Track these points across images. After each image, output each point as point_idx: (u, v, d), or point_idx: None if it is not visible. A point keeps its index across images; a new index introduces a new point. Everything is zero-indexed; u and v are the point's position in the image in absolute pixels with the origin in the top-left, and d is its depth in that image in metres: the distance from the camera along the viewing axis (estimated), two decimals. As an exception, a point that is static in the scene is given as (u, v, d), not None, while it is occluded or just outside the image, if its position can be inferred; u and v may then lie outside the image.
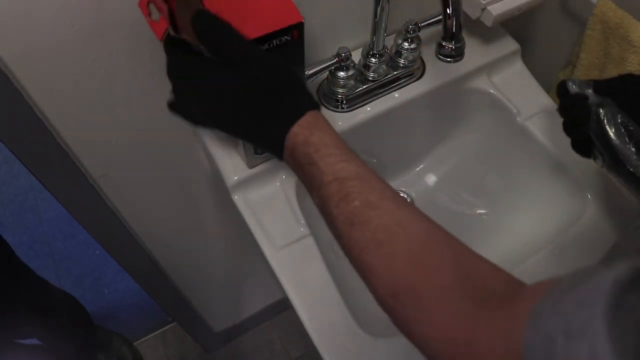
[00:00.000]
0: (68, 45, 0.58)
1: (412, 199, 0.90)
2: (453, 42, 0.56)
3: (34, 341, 1.28)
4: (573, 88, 0.58)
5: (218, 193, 0.91)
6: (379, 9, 0.68)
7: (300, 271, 0.68)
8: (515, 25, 0.86)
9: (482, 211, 0.87)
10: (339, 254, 0.49)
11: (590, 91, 0.57)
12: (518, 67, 0.86)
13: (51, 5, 0.54)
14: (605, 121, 0.54)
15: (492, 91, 0.83)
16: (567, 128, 0.63)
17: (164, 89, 0.68)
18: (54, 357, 1.35)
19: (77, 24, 0.57)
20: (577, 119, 0.59)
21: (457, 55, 0.57)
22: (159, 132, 0.74)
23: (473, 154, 0.89)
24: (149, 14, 0.51)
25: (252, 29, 0.53)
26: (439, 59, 0.58)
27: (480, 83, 0.83)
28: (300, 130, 0.50)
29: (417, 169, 0.93)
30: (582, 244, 0.73)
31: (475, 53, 0.82)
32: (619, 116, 0.54)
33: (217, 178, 0.76)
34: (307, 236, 0.70)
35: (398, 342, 0.66)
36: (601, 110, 0.55)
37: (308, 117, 0.50)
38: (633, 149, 0.53)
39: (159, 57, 0.64)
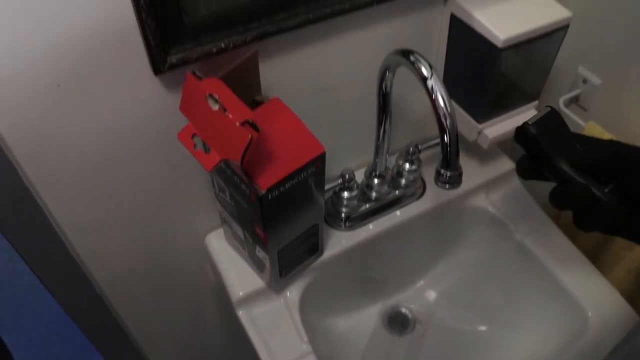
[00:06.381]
0: (86, 166, 0.61)
1: (413, 315, 0.91)
2: (450, 170, 0.60)
3: None
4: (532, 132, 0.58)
5: (222, 306, 0.92)
6: (381, 131, 0.72)
7: (302, 389, 0.68)
8: (510, 145, 0.90)
9: (483, 328, 0.87)
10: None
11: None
12: (515, 185, 0.90)
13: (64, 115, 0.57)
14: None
15: (490, 209, 0.86)
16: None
17: (173, 204, 0.71)
18: None
19: (95, 135, 0.60)
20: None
21: (455, 182, 0.60)
22: (168, 245, 0.77)
23: (473, 270, 0.90)
24: (194, 146, 0.55)
25: (282, 166, 0.57)
26: (438, 185, 0.61)
27: (479, 201, 0.86)
28: None
29: (418, 285, 0.93)
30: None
31: (473, 172, 0.86)
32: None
33: (221, 292, 0.77)
34: (309, 354, 0.70)
35: None
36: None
37: None
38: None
39: (169, 175, 0.68)
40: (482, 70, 0.72)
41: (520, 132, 0.58)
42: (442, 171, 0.60)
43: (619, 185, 0.54)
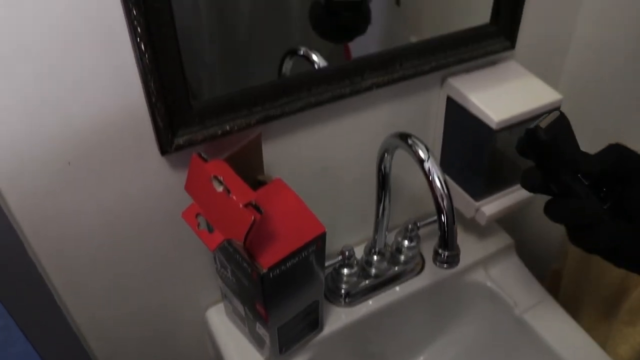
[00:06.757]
0: (92, 242, 0.63)
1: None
2: (448, 251, 0.61)
3: None
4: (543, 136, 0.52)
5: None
6: (380, 208, 0.74)
7: None
8: (508, 221, 0.92)
9: (484, 406, 0.87)
10: None
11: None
12: (513, 260, 0.91)
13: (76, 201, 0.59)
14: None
15: (489, 284, 0.86)
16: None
17: (175, 278, 0.72)
18: None
19: (103, 213, 0.62)
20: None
21: (453, 262, 0.61)
22: (168, 319, 0.77)
23: (472, 346, 0.90)
24: (198, 225, 0.56)
25: (283, 246, 0.59)
26: (436, 265, 0.62)
27: (478, 276, 0.87)
28: None
29: (418, 362, 0.93)
30: None
31: (472, 248, 0.87)
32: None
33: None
34: None
35: None
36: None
37: None
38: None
39: (172, 251, 0.69)
40: (478, 150, 0.74)
41: (531, 135, 0.52)
42: (440, 251, 0.61)
43: (619, 202, 0.53)
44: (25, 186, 0.55)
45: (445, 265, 0.62)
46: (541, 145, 0.52)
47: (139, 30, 0.50)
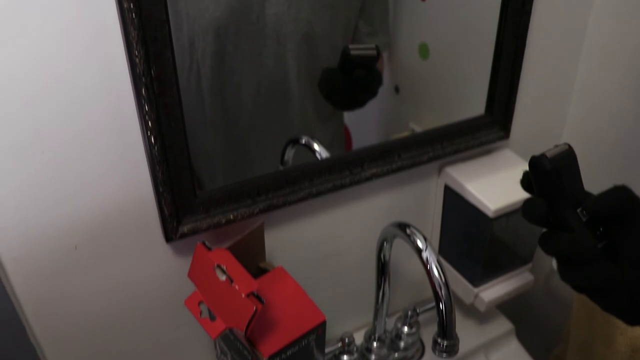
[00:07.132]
0: (94, 325, 0.63)
1: None
2: (447, 340, 0.61)
3: None
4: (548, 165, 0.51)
5: None
6: (380, 294, 0.74)
7: None
8: (507, 306, 0.92)
9: None
10: None
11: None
12: (513, 345, 0.90)
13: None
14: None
15: (490, 370, 0.86)
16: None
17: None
18: None
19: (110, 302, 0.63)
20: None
21: (452, 351, 0.62)
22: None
23: None
24: (200, 313, 0.57)
25: (283, 334, 0.59)
26: (435, 354, 0.63)
27: (479, 362, 0.87)
28: None
29: None
30: None
31: (472, 333, 0.87)
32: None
33: None
34: None
35: None
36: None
37: None
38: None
39: (173, 335, 0.69)
40: (476, 237, 0.76)
41: (536, 162, 0.51)
42: (439, 340, 0.62)
43: (614, 242, 0.51)
44: (31, 268, 0.56)
45: (444, 355, 0.62)
46: (544, 174, 0.51)
47: (149, 124, 0.53)
